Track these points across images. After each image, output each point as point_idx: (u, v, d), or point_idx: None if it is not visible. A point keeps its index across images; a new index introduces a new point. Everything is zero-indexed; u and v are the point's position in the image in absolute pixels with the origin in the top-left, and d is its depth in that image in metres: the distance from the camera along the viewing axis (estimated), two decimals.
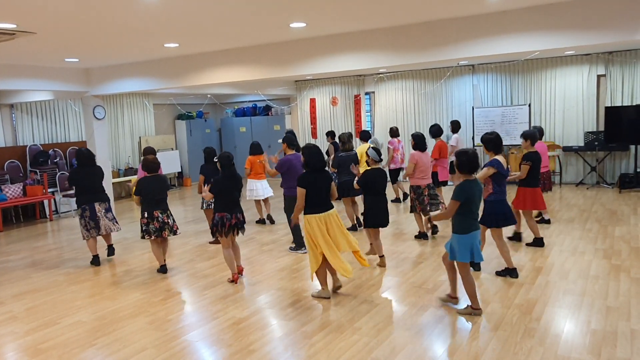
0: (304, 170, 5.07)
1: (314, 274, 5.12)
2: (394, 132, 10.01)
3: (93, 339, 4.46)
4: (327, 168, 5.90)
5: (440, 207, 7.00)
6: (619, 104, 10.81)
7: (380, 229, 6.12)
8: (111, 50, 7.26)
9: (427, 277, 5.63)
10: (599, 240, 6.81)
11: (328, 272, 5.22)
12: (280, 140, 7.25)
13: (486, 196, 5.51)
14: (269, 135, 14.83)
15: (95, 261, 6.84)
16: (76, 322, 4.85)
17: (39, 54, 7.19)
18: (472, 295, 4.55)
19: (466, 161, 4.36)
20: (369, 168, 6.04)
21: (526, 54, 9.47)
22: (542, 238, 6.63)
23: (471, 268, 5.29)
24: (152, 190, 6.12)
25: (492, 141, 5.42)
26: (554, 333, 4.13)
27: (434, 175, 8.23)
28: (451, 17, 6.06)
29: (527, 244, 6.72)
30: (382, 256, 6.13)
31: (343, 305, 4.92)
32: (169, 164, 13.67)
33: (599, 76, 11.13)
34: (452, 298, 4.81)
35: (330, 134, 10.43)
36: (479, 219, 4.58)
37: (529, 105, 11.43)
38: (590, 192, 10.48)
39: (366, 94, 13.89)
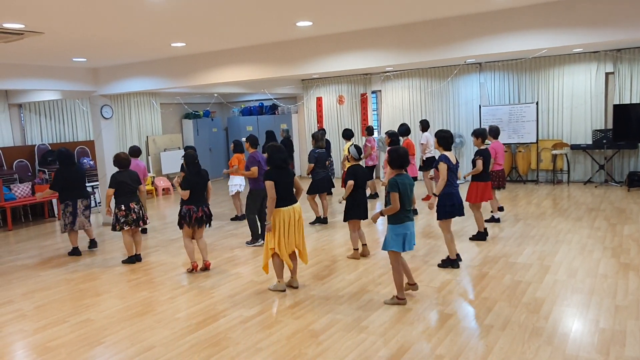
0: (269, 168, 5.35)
1: (269, 266, 5.36)
2: (370, 131, 10.48)
3: (101, 337, 4.48)
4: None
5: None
6: (627, 101, 10.73)
7: (361, 221, 6.48)
8: (118, 50, 7.29)
9: (434, 276, 5.62)
10: (608, 238, 6.76)
11: (288, 269, 5.46)
12: (244, 139, 7.87)
13: (437, 190, 5.94)
14: (275, 134, 14.81)
15: (76, 252, 7.34)
16: (84, 321, 4.88)
17: (47, 53, 7.23)
18: (398, 285, 4.82)
19: (396, 157, 4.70)
20: (351, 164, 6.43)
21: (534, 52, 9.42)
22: (485, 231, 7.02)
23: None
24: (127, 184, 6.62)
25: (445, 139, 5.83)
26: (562, 332, 4.11)
27: None
28: (458, 15, 6.04)
29: (470, 238, 7.04)
30: (355, 249, 6.46)
31: (350, 304, 4.92)
32: (176, 163, 13.71)
33: (607, 74, 11.05)
34: (411, 285, 5.02)
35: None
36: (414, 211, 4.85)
37: (537, 103, 11.38)
38: (598, 190, 10.42)
39: (373, 92, 13.87)
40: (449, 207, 5.76)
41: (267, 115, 15.31)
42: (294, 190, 5.39)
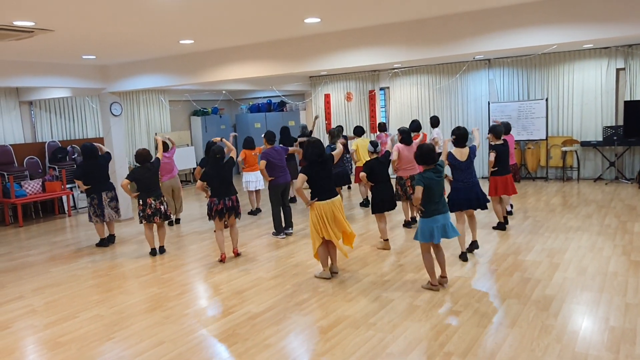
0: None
1: (316, 256, 5.61)
2: (381, 127, 10.60)
3: (111, 332, 4.52)
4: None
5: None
6: (638, 98, 10.62)
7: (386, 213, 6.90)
8: (127, 47, 7.32)
9: None
10: (618, 236, 6.71)
11: (329, 256, 5.68)
12: (262, 136, 7.96)
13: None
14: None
15: (104, 243, 7.64)
16: (94, 316, 4.92)
17: (57, 51, 7.28)
18: (430, 272, 5.12)
19: (419, 155, 5.04)
20: (368, 159, 6.74)
21: (543, 48, 9.34)
22: (504, 222, 7.36)
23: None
24: (144, 179, 6.80)
25: (456, 136, 6.09)
26: (572, 330, 4.08)
27: None
28: (467, 11, 6.00)
29: (493, 227, 7.38)
30: (386, 240, 6.70)
31: (358, 301, 4.92)
32: (185, 159, 13.76)
33: (618, 70, 10.94)
34: (442, 277, 5.25)
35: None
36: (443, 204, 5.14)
37: (546, 100, 11.30)
38: (608, 187, 10.33)
39: (381, 89, 13.84)
40: (450, 200, 6.01)
41: (275, 112, 15.31)
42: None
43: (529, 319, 4.33)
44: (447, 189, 6.02)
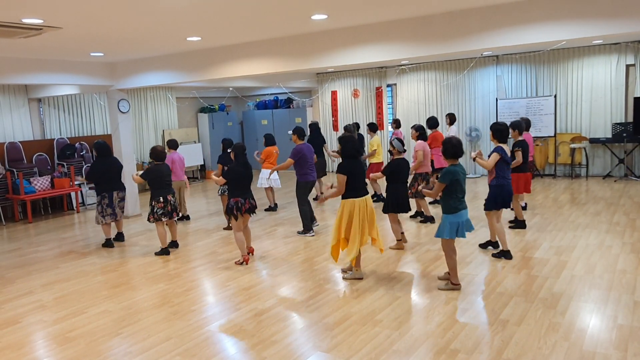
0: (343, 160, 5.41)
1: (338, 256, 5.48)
2: (398, 124, 10.66)
3: (119, 328, 4.55)
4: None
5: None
6: None
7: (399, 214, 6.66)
8: (135, 45, 7.35)
9: None
10: (627, 233, 6.67)
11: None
12: (290, 132, 8.01)
13: (490, 181, 6.10)
14: (290, 127, 14.85)
15: (109, 244, 7.47)
16: (102, 312, 4.96)
17: (65, 48, 7.32)
18: (452, 270, 4.99)
19: (450, 147, 4.86)
20: (394, 157, 6.53)
21: (552, 44, 9.28)
22: (524, 220, 7.25)
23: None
24: (163, 176, 6.75)
25: (500, 131, 6.04)
26: (579, 328, 4.06)
27: (431, 162, 8.73)
28: (475, 7, 5.97)
29: (510, 226, 7.28)
30: (399, 240, 6.54)
31: (364, 298, 4.92)
32: (192, 156, 13.80)
33: (627, 66, 10.85)
34: (446, 278, 5.20)
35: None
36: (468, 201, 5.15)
37: (555, 96, 11.22)
38: (618, 184, 10.26)
39: (388, 86, 13.80)
40: (499, 198, 5.95)
41: (282, 109, 15.32)
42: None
43: (536, 316, 4.31)
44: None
